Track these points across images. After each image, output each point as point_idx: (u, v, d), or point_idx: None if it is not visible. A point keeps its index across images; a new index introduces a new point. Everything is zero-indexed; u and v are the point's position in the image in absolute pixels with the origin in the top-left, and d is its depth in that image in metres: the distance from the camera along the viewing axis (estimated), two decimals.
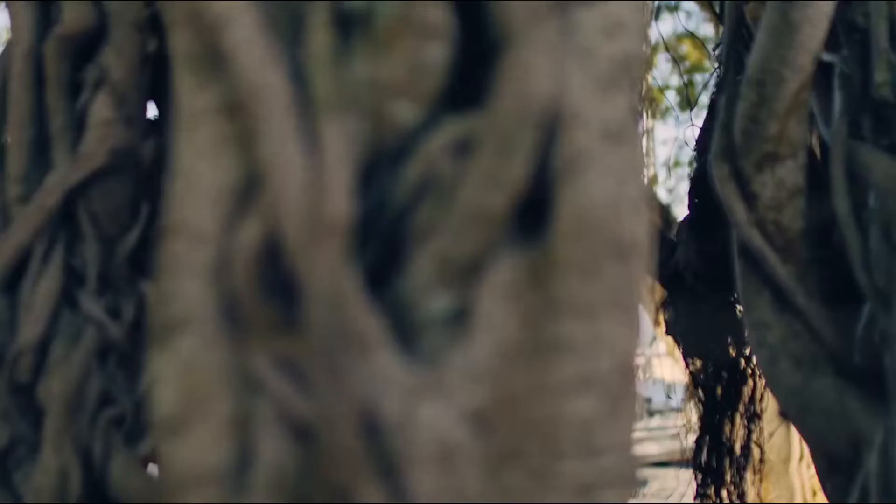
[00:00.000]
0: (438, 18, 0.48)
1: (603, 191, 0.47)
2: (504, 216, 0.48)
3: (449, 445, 0.47)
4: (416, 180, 0.49)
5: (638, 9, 0.50)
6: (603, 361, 0.47)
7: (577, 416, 0.47)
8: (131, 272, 0.83)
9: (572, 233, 0.47)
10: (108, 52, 0.84)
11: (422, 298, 0.49)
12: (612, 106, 0.48)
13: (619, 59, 0.48)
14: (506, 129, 0.47)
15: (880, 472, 0.81)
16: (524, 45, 0.47)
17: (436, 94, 0.49)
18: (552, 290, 0.47)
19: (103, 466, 0.82)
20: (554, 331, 0.47)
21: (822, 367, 0.86)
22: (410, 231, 0.49)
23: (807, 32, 0.83)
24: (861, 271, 0.87)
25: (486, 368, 0.48)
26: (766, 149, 0.85)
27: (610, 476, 0.47)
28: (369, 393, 0.47)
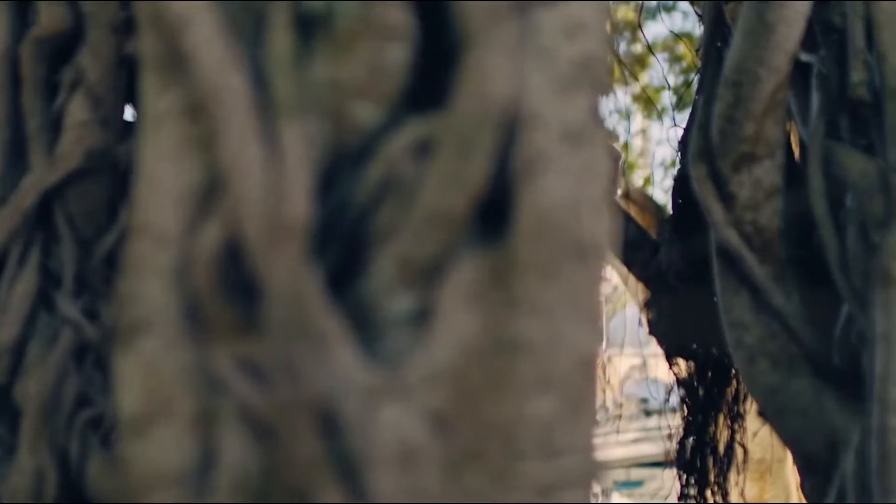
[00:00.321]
0: (398, 19, 0.48)
1: (562, 191, 0.47)
2: (464, 217, 0.48)
3: (409, 446, 0.47)
4: (377, 181, 0.49)
5: (600, 9, 0.51)
6: (562, 362, 0.47)
7: (536, 417, 0.47)
8: (108, 274, 0.83)
9: (532, 233, 0.47)
10: (84, 53, 0.84)
11: (383, 299, 0.49)
12: (572, 107, 0.48)
13: (580, 60, 0.49)
14: (465, 130, 0.47)
15: (857, 472, 0.81)
16: (483, 46, 0.47)
17: (396, 95, 0.49)
18: (512, 290, 0.47)
19: (80, 467, 0.82)
20: (514, 331, 0.47)
21: (800, 367, 0.86)
22: (372, 232, 0.49)
23: (782, 33, 0.83)
24: (838, 272, 0.87)
25: (447, 369, 0.48)
26: (742, 149, 0.85)
27: (570, 476, 0.47)
28: (330, 393, 0.47)
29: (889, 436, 0.78)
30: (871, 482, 0.79)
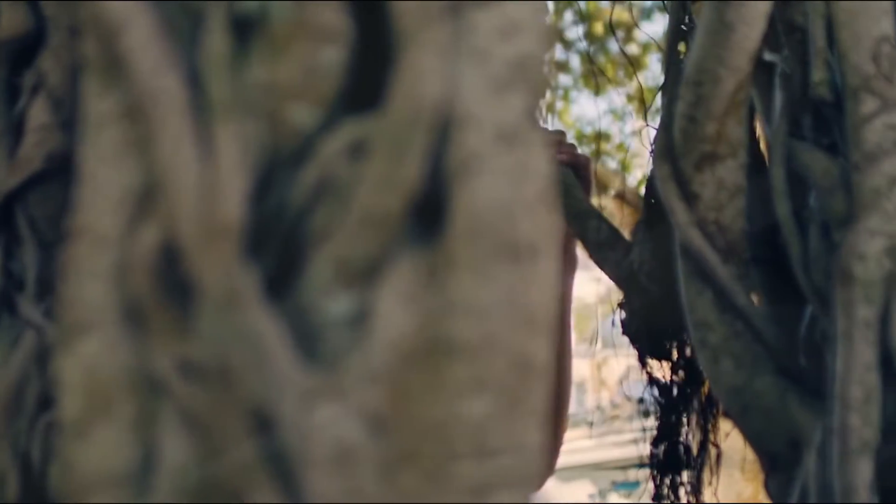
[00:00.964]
0: (333, 21, 0.49)
1: (496, 192, 0.47)
2: (399, 218, 0.48)
3: (346, 446, 0.47)
4: (312, 183, 0.49)
5: (538, 9, 0.51)
6: (497, 362, 0.47)
7: (471, 417, 0.47)
8: None
9: (466, 234, 0.47)
10: (45, 56, 0.84)
11: (321, 301, 0.49)
12: (507, 107, 0.48)
13: (515, 61, 0.49)
14: (398, 131, 0.47)
15: (818, 471, 0.81)
16: (415, 47, 0.47)
17: (333, 97, 0.49)
18: (447, 291, 0.48)
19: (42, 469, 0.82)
20: (448, 332, 0.47)
21: (764, 366, 0.86)
22: (308, 234, 0.49)
23: (742, 32, 0.83)
24: (800, 271, 0.87)
25: (384, 370, 0.48)
26: (704, 149, 0.85)
27: (506, 477, 0.47)
28: (265, 394, 0.47)
29: (849, 434, 0.79)
30: (832, 481, 0.80)
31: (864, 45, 0.83)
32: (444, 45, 0.48)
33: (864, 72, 0.83)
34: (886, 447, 0.81)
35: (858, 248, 0.81)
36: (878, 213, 0.81)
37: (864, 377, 0.80)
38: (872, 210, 0.81)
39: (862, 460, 0.79)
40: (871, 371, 0.80)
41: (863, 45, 0.83)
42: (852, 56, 0.83)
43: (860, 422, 0.79)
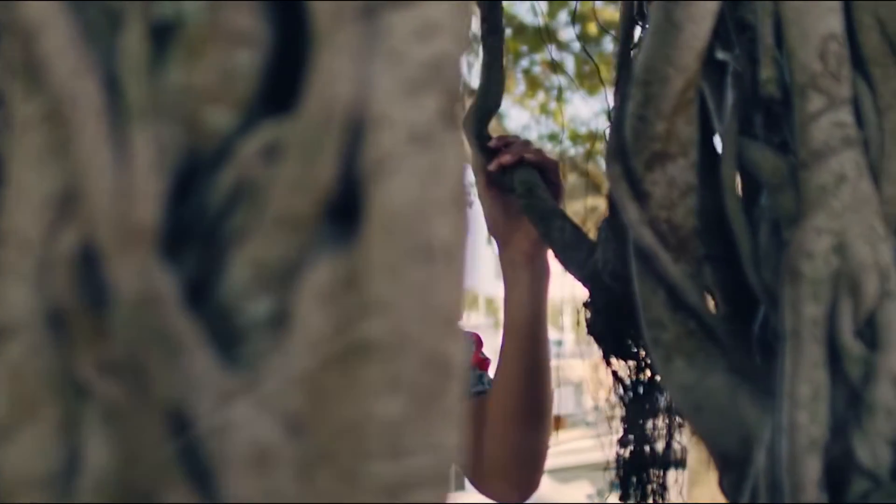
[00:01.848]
0: (247, 24, 0.49)
1: (409, 193, 0.48)
2: (314, 219, 0.49)
3: (263, 447, 0.48)
4: (229, 185, 0.50)
5: (456, 10, 0.51)
6: (411, 362, 0.48)
7: (385, 417, 0.47)
8: None
9: (380, 235, 0.48)
10: None
11: (241, 303, 0.50)
12: (421, 109, 0.48)
13: (431, 62, 0.49)
14: (311, 132, 0.48)
15: (768, 469, 0.82)
16: (328, 48, 0.48)
17: (249, 99, 0.50)
18: (363, 292, 0.48)
19: None
20: (363, 332, 0.48)
21: (716, 365, 0.87)
22: (227, 236, 0.50)
23: (690, 31, 0.84)
24: (751, 269, 0.88)
25: (302, 371, 0.49)
26: (654, 147, 0.86)
27: (420, 476, 0.48)
28: (181, 396, 0.48)
29: (798, 432, 0.79)
30: (781, 479, 0.80)
31: (812, 43, 0.84)
32: (358, 46, 0.48)
33: (812, 69, 0.84)
34: (835, 445, 0.81)
35: (806, 246, 0.82)
36: (825, 211, 0.82)
37: (812, 375, 0.80)
38: (819, 208, 0.82)
39: (810, 458, 0.79)
40: (819, 369, 0.80)
41: (810, 43, 0.84)
42: (799, 54, 0.84)
43: (808, 419, 0.80)
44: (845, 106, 0.84)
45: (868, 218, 0.83)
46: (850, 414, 0.81)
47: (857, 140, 0.84)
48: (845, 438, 0.81)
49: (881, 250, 0.83)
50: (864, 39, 0.87)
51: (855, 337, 0.82)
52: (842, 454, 0.81)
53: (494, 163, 1.39)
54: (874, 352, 0.81)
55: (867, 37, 0.87)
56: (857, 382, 0.81)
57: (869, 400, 0.80)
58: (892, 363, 0.81)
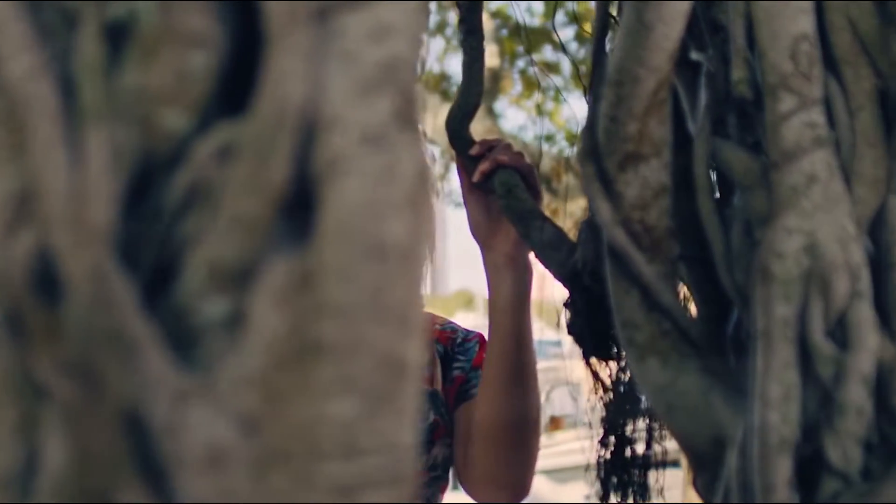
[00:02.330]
0: (201, 25, 0.50)
1: (362, 194, 0.48)
2: (268, 220, 0.49)
3: (218, 447, 0.48)
4: (185, 187, 0.50)
5: (411, 12, 0.52)
6: (363, 363, 0.48)
7: (338, 418, 0.48)
8: None
9: (334, 236, 0.48)
10: None
11: (197, 304, 0.50)
12: (373, 110, 0.49)
13: (384, 64, 0.50)
14: (264, 134, 0.48)
15: (739, 469, 0.83)
16: (281, 50, 0.48)
17: (204, 101, 0.50)
18: (317, 293, 0.48)
19: None
20: (317, 333, 0.48)
21: (689, 365, 0.87)
22: (183, 238, 0.50)
23: (661, 32, 0.84)
24: (723, 269, 0.88)
25: (257, 372, 0.49)
26: (627, 148, 0.86)
27: (374, 477, 0.48)
28: (137, 396, 0.48)
29: (769, 432, 0.80)
30: (752, 479, 0.81)
31: (783, 44, 0.84)
32: (311, 47, 0.49)
33: (783, 70, 0.84)
34: (807, 445, 0.82)
35: (776, 246, 0.82)
36: (796, 211, 0.82)
37: (783, 375, 0.81)
38: (790, 208, 0.82)
39: (781, 458, 0.80)
40: (790, 369, 0.81)
41: (781, 44, 0.84)
42: (771, 54, 0.84)
43: (779, 419, 0.80)
44: (816, 106, 0.84)
45: (839, 218, 0.83)
46: (821, 414, 0.82)
47: (828, 140, 0.84)
48: (817, 438, 0.81)
49: (852, 250, 0.83)
50: (835, 40, 0.87)
51: (826, 337, 0.82)
52: (813, 454, 0.81)
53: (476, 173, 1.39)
54: (845, 352, 0.82)
55: (839, 37, 0.87)
56: (828, 382, 0.82)
57: (840, 400, 0.81)
58: (862, 363, 0.81)
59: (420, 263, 0.51)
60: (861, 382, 0.81)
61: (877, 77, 0.88)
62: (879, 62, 0.87)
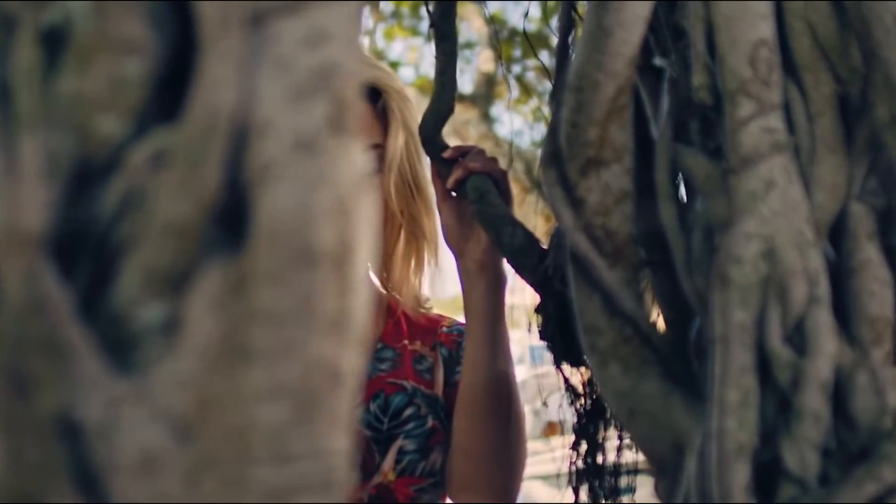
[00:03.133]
0: (136, 31, 0.50)
1: (294, 200, 0.49)
2: (200, 227, 0.50)
3: (152, 452, 0.49)
4: (120, 193, 0.51)
5: (347, 17, 0.52)
6: (294, 368, 0.49)
7: (268, 423, 0.48)
8: None
9: (266, 242, 0.49)
10: None
11: (133, 309, 0.51)
12: (306, 116, 0.49)
13: (318, 70, 0.50)
14: (195, 140, 0.49)
15: (698, 474, 0.83)
16: (213, 56, 0.49)
17: (139, 107, 0.51)
18: (250, 298, 0.49)
19: None
20: (248, 339, 0.49)
21: (651, 371, 0.88)
22: (118, 244, 0.51)
23: (620, 37, 0.85)
24: (684, 275, 0.89)
25: (190, 377, 0.49)
26: (588, 154, 0.87)
27: (304, 482, 0.49)
28: (70, 401, 0.49)
29: (726, 438, 0.80)
30: (710, 485, 0.81)
31: (742, 49, 0.85)
32: (244, 53, 0.49)
33: (742, 75, 0.85)
34: (765, 450, 0.82)
35: (735, 252, 0.83)
36: (755, 217, 0.83)
37: (740, 380, 0.81)
38: (749, 213, 0.83)
39: (738, 463, 0.80)
40: (747, 374, 0.81)
41: (740, 49, 0.85)
42: (730, 60, 0.85)
43: (737, 425, 0.81)
44: (775, 111, 0.85)
45: (797, 224, 0.84)
46: (779, 420, 0.82)
47: (787, 146, 0.85)
48: (774, 444, 0.82)
49: (810, 256, 0.84)
50: (795, 45, 0.88)
51: (784, 343, 0.83)
52: (771, 460, 0.82)
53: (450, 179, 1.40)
54: (803, 358, 0.82)
55: (799, 43, 0.88)
56: (786, 388, 0.82)
57: (797, 406, 0.81)
58: (820, 369, 0.82)
59: (354, 270, 0.51)
60: (818, 388, 0.82)
61: (836, 82, 0.89)
62: (839, 67, 0.88)
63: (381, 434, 1.57)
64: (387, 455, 1.57)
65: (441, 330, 1.67)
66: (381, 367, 1.64)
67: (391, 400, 1.60)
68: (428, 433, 1.59)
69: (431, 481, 1.60)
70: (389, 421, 1.58)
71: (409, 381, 1.63)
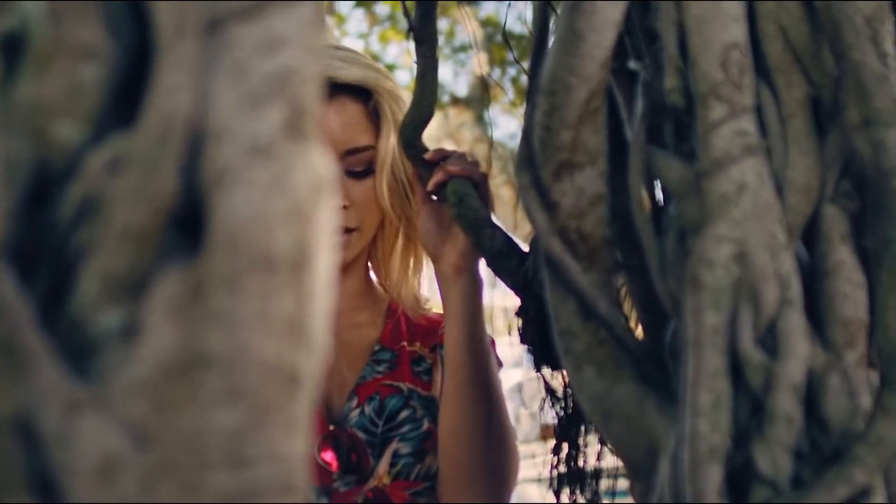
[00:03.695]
0: (93, 37, 0.51)
1: (250, 205, 0.49)
2: (157, 232, 0.50)
3: (110, 457, 0.49)
4: (78, 199, 0.51)
5: (305, 22, 0.53)
6: (250, 373, 0.49)
7: (224, 428, 0.49)
8: None
9: (222, 247, 0.49)
10: None
11: (92, 315, 0.51)
12: (262, 121, 0.50)
13: (275, 75, 0.51)
14: (151, 145, 0.49)
15: (671, 476, 0.84)
16: (169, 62, 0.49)
17: (96, 113, 0.51)
18: (207, 304, 0.49)
19: None
20: (205, 344, 0.49)
21: (625, 374, 0.88)
22: (77, 249, 0.51)
23: (593, 41, 0.85)
24: (658, 278, 0.89)
25: (148, 382, 0.50)
26: (561, 157, 0.87)
27: (261, 486, 0.49)
28: (28, 407, 0.49)
29: (699, 441, 0.81)
30: (683, 487, 0.82)
31: (714, 52, 0.85)
32: (200, 59, 0.50)
33: (713, 78, 0.85)
34: (738, 453, 0.83)
35: (707, 255, 0.83)
36: (727, 220, 0.83)
37: (712, 383, 0.82)
38: (721, 216, 0.83)
39: (711, 466, 0.81)
40: (719, 377, 0.82)
41: (712, 52, 0.85)
42: (702, 63, 0.85)
43: (709, 428, 0.81)
44: (747, 114, 0.86)
45: (769, 226, 0.84)
46: (752, 422, 0.83)
47: (759, 148, 0.86)
48: (747, 446, 0.82)
49: (782, 259, 0.84)
50: (767, 48, 0.89)
51: (756, 345, 0.83)
52: (744, 462, 0.82)
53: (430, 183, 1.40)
54: (775, 360, 0.83)
55: (771, 45, 0.88)
56: (758, 391, 0.83)
57: (769, 408, 0.82)
58: (792, 371, 0.82)
59: (314, 275, 0.52)
60: (790, 391, 0.82)
61: (809, 85, 0.89)
62: (811, 70, 0.89)
63: (375, 437, 1.57)
64: (381, 458, 1.57)
65: (441, 331, 1.66)
66: (379, 368, 1.63)
67: (386, 402, 1.60)
68: (423, 436, 1.59)
69: (427, 485, 1.59)
70: (384, 424, 1.58)
71: (405, 382, 1.63)
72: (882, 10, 0.91)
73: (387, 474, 1.56)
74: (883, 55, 0.90)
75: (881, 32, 0.91)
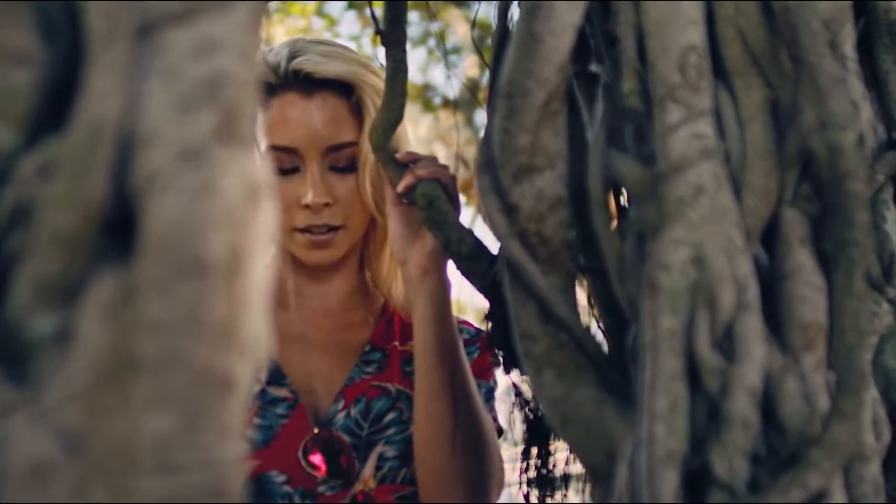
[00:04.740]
0: (24, 42, 0.51)
1: (180, 210, 0.49)
2: (88, 237, 0.50)
3: (41, 463, 0.49)
4: (10, 204, 0.51)
5: (240, 27, 0.53)
6: (180, 378, 0.49)
7: (154, 433, 0.49)
8: None
9: (152, 252, 0.50)
10: None
11: (26, 320, 0.51)
12: (193, 126, 0.50)
13: (206, 79, 0.51)
14: (80, 150, 0.49)
15: (629, 481, 0.84)
16: (99, 67, 0.50)
17: (28, 118, 0.51)
18: (138, 309, 0.50)
19: None
20: (135, 349, 0.49)
21: (585, 378, 0.89)
22: (10, 254, 0.51)
23: (550, 44, 0.85)
24: (617, 282, 0.90)
25: (81, 387, 0.50)
26: (521, 160, 0.88)
27: (192, 492, 0.50)
28: None
29: (655, 445, 0.81)
30: (640, 491, 0.82)
31: (671, 55, 0.86)
32: (131, 63, 0.50)
33: (671, 81, 0.86)
34: (695, 457, 0.83)
35: (664, 258, 0.84)
36: (683, 223, 0.84)
37: (669, 387, 0.82)
38: (677, 220, 0.84)
39: (668, 470, 0.81)
40: (676, 381, 0.82)
41: (670, 55, 0.86)
42: (659, 66, 0.86)
43: (666, 432, 0.81)
44: (705, 117, 0.86)
45: (727, 230, 0.85)
46: (709, 426, 0.83)
47: (716, 151, 0.86)
48: (704, 450, 0.83)
49: (739, 262, 0.85)
50: (726, 51, 0.89)
51: (713, 349, 0.83)
52: (700, 466, 0.83)
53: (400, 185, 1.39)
54: (731, 364, 0.83)
55: (729, 49, 0.89)
56: (715, 395, 0.83)
57: (726, 412, 0.82)
58: (748, 375, 0.83)
59: (247, 279, 0.52)
60: (747, 394, 0.82)
61: (767, 88, 0.90)
62: (770, 73, 0.89)
63: (360, 440, 1.56)
64: (367, 462, 1.56)
65: None
66: (367, 369, 1.62)
67: (373, 405, 1.59)
68: (409, 439, 1.57)
69: (413, 489, 1.58)
70: (370, 426, 1.57)
71: (394, 383, 1.62)
72: (842, 12, 0.92)
73: (372, 478, 1.55)
74: (842, 58, 0.91)
75: (840, 35, 0.91)
